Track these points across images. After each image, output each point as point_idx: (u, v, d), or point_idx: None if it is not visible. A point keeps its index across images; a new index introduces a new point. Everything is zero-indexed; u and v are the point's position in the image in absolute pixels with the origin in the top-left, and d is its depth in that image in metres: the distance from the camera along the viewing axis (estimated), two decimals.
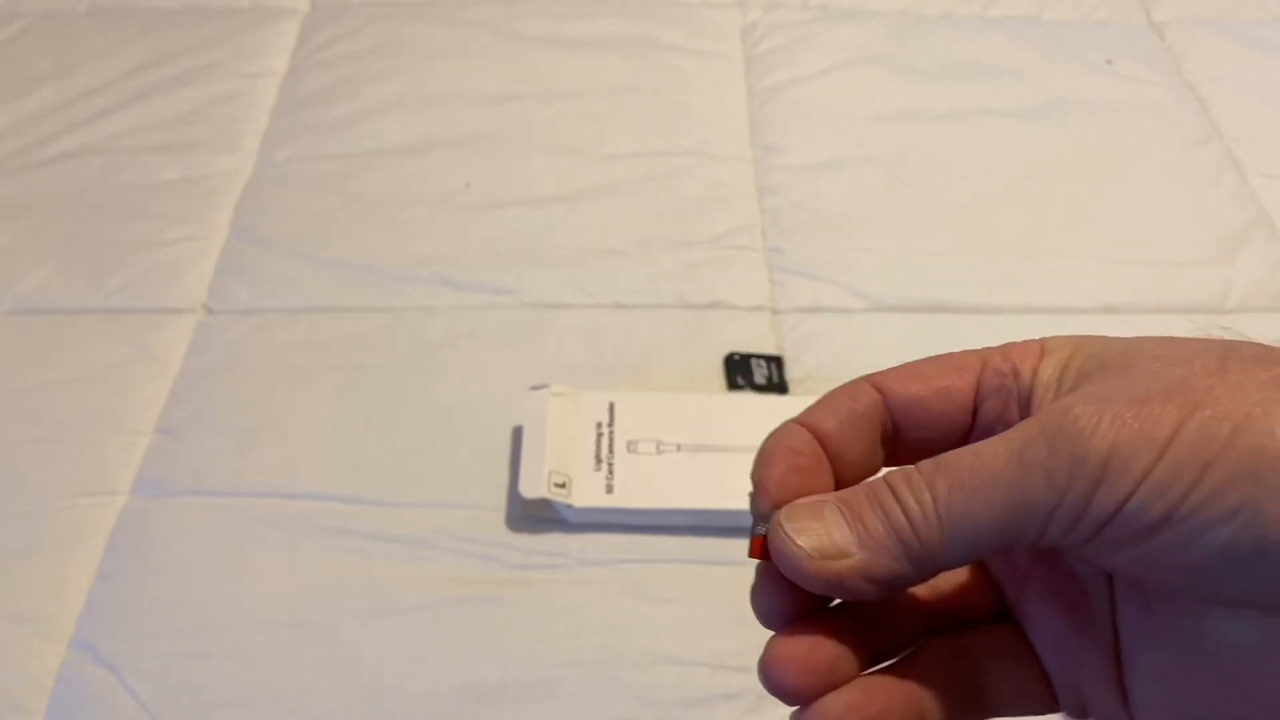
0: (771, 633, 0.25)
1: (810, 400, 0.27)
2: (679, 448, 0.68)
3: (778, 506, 0.24)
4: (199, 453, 0.70)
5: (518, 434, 0.70)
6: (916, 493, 0.22)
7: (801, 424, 0.25)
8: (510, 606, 0.63)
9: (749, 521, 0.71)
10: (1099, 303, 0.81)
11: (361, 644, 0.61)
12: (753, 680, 0.60)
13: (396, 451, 0.70)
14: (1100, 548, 0.21)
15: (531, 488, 0.65)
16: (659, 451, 0.68)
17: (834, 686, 0.24)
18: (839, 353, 0.77)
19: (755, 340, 0.77)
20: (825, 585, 0.23)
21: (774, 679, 0.24)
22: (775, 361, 0.75)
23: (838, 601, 0.25)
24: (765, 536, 0.24)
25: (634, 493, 0.65)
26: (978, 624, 0.26)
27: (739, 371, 0.74)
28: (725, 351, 0.76)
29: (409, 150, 0.92)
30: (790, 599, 0.24)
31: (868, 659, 0.24)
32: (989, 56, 1.03)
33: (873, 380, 0.26)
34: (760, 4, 1.08)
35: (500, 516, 0.67)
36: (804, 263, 0.83)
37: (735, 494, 0.66)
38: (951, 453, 0.22)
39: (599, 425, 0.69)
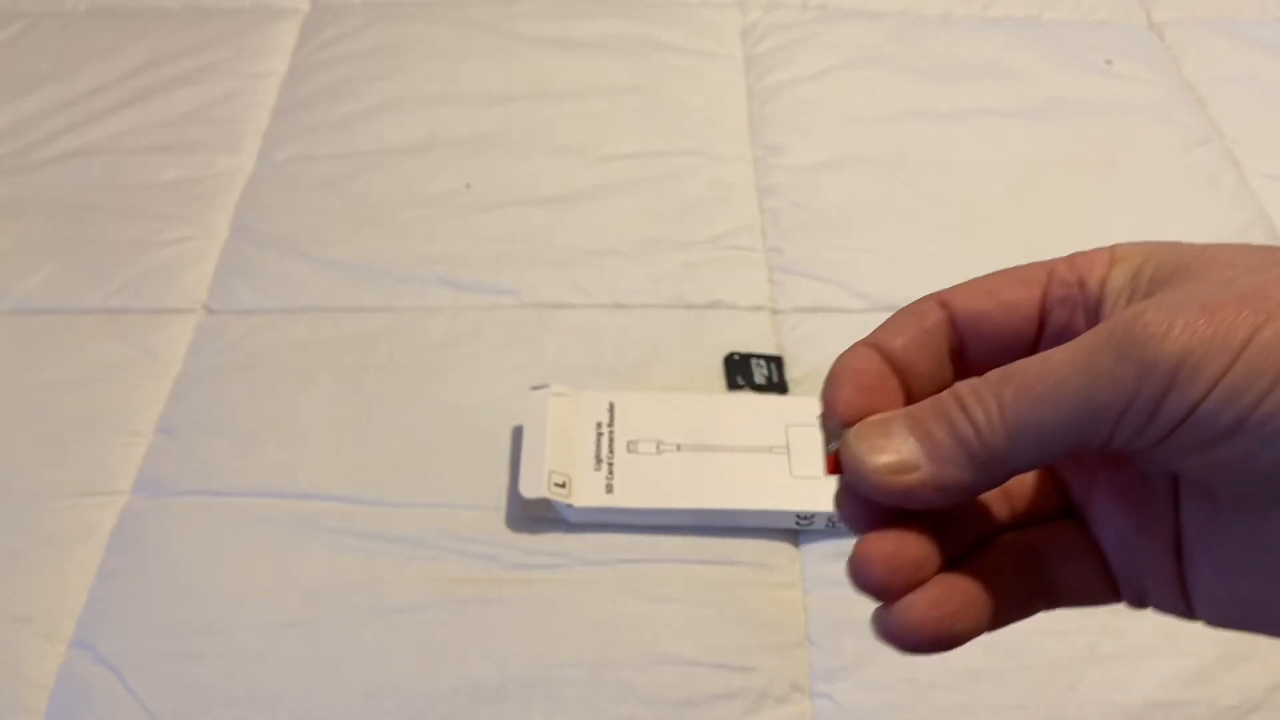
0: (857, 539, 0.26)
1: (810, 400, 0.28)
2: (679, 448, 0.68)
3: (847, 425, 0.25)
4: (199, 453, 0.70)
5: (518, 434, 0.70)
6: (983, 402, 0.23)
7: (868, 344, 0.26)
8: (510, 606, 0.63)
9: (749, 521, 0.71)
10: None
11: (361, 644, 0.61)
12: (753, 680, 0.61)
13: (396, 451, 0.70)
14: (1168, 452, 0.22)
15: (531, 488, 0.65)
16: (659, 451, 0.68)
17: (917, 583, 0.24)
18: (839, 352, 0.77)
19: (755, 340, 0.77)
20: (895, 498, 0.24)
21: (862, 575, 0.24)
22: (775, 361, 0.75)
23: None
24: (838, 453, 0.25)
25: (634, 493, 0.65)
26: (1045, 522, 0.27)
27: (739, 371, 0.75)
28: (725, 351, 0.76)
29: (409, 150, 0.92)
30: (871, 505, 0.25)
31: (944, 557, 0.25)
32: (989, 56, 1.03)
33: (938, 297, 0.26)
34: (760, 4, 1.08)
35: (500, 516, 0.67)
36: (804, 263, 0.83)
37: (735, 494, 0.66)
38: (1019, 362, 0.23)
39: (599, 425, 0.69)
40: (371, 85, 0.98)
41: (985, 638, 0.24)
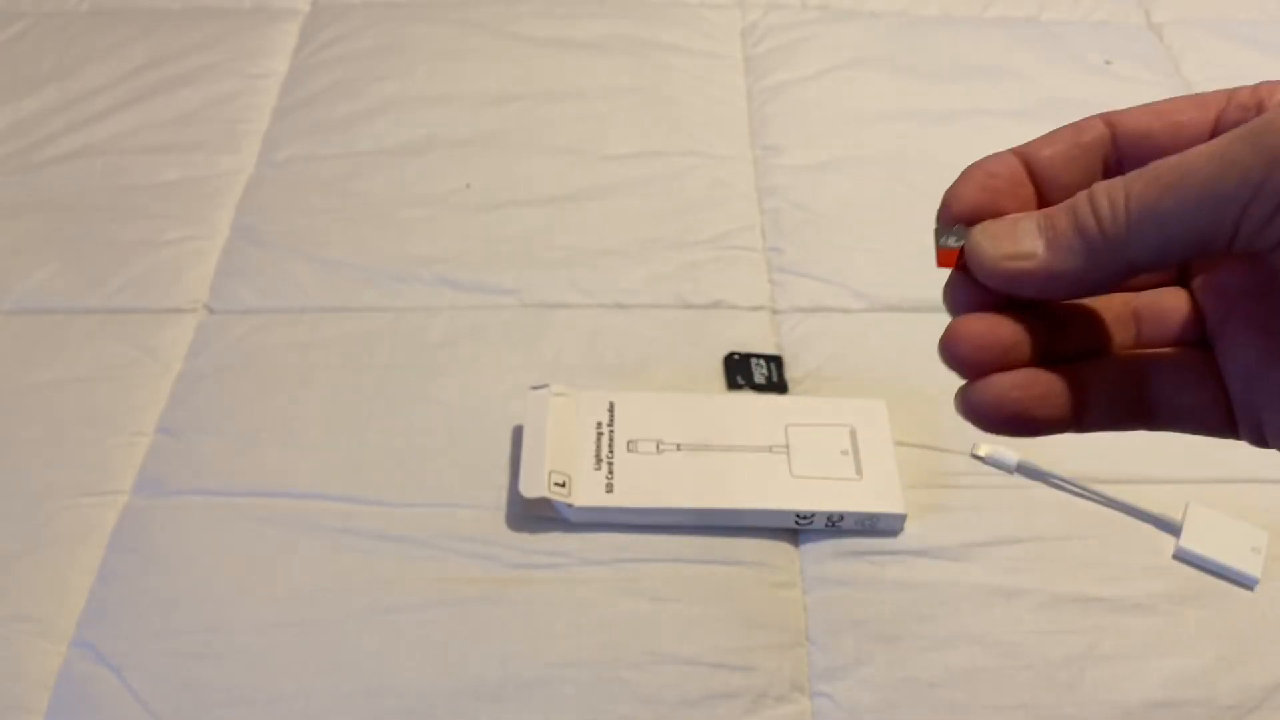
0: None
1: (810, 399, 0.28)
2: (679, 447, 0.68)
3: (960, 221, 0.26)
4: (200, 452, 0.70)
5: (518, 434, 0.70)
6: (1111, 192, 0.23)
7: (1013, 151, 0.27)
8: (510, 606, 0.63)
9: (749, 520, 0.72)
10: None
11: (361, 644, 0.61)
12: (752, 680, 0.61)
13: (396, 451, 0.70)
14: None
15: (531, 487, 0.65)
16: (659, 451, 0.68)
17: (1005, 367, 0.25)
18: (838, 352, 0.77)
19: (755, 340, 0.77)
20: (1007, 282, 0.24)
21: (948, 349, 0.25)
22: (775, 361, 0.76)
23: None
24: (944, 249, 0.26)
25: (634, 492, 0.66)
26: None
27: (739, 371, 0.75)
28: (725, 351, 0.76)
29: (409, 150, 0.92)
30: (980, 297, 0.26)
31: (1045, 354, 0.25)
32: (988, 57, 1.03)
33: (1105, 115, 0.26)
34: (760, 4, 1.08)
35: (500, 516, 0.67)
36: (804, 263, 0.83)
37: (735, 493, 0.66)
38: (1159, 160, 0.22)
39: (599, 425, 0.69)
40: (372, 85, 0.98)
41: (984, 637, 0.24)
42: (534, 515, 0.66)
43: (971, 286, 0.26)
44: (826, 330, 0.79)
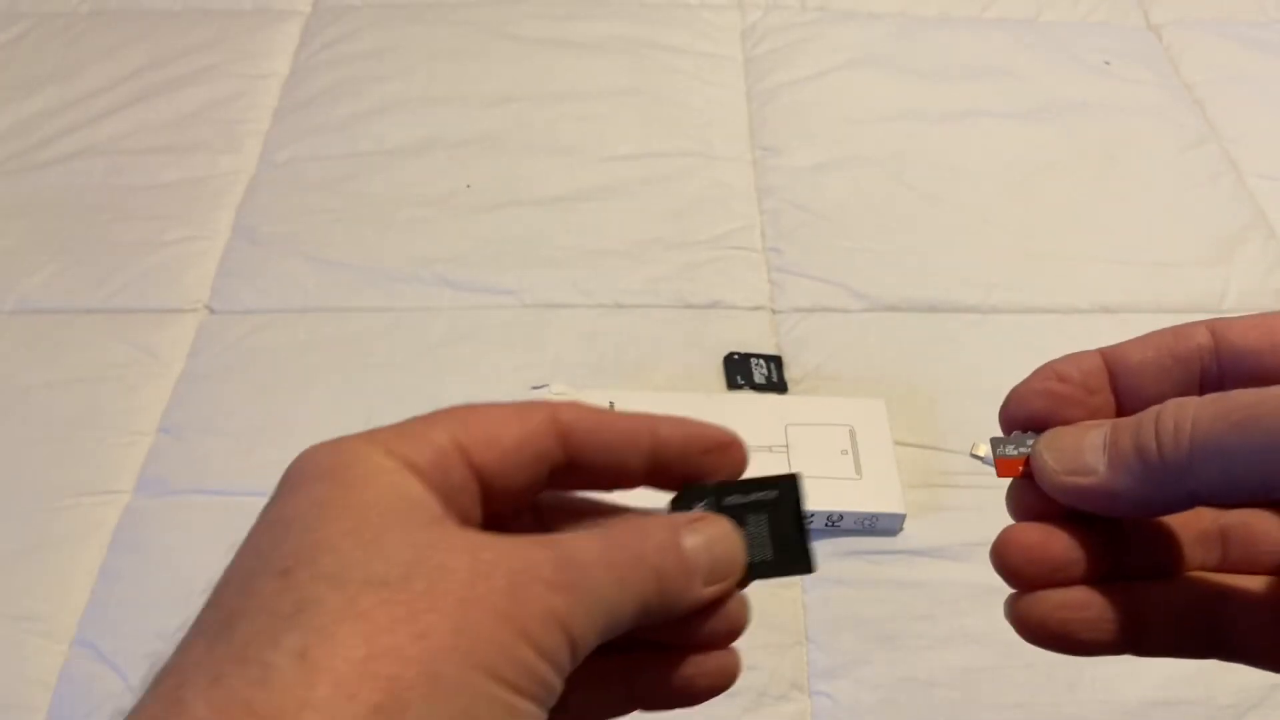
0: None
1: (810, 399, 0.27)
2: None
3: (1018, 427, 0.25)
4: (201, 452, 0.70)
5: None
6: (1179, 416, 0.21)
7: (1101, 353, 0.25)
8: None
9: None
10: (1097, 303, 0.81)
11: None
12: (752, 679, 0.61)
13: None
14: None
15: None
16: None
17: (1057, 582, 0.23)
18: (837, 352, 0.77)
19: (755, 340, 0.78)
20: (1070, 498, 0.23)
21: (999, 556, 0.24)
22: (774, 361, 0.76)
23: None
24: (1004, 459, 0.25)
25: (633, 491, 0.66)
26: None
27: (738, 371, 0.75)
28: (725, 351, 0.76)
29: (410, 151, 0.92)
30: (1046, 502, 0.24)
31: (1113, 573, 0.24)
32: (988, 57, 1.03)
33: (1212, 324, 0.24)
34: (760, 5, 1.08)
35: None
36: (803, 263, 0.83)
37: None
38: (1240, 390, 0.21)
39: None
40: (372, 86, 0.98)
41: (983, 636, 0.23)
42: None
43: (1035, 492, 0.24)
44: (826, 330, 0.79)
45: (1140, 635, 0.23)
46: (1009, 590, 0.25)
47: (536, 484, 0.24)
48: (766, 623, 0.63)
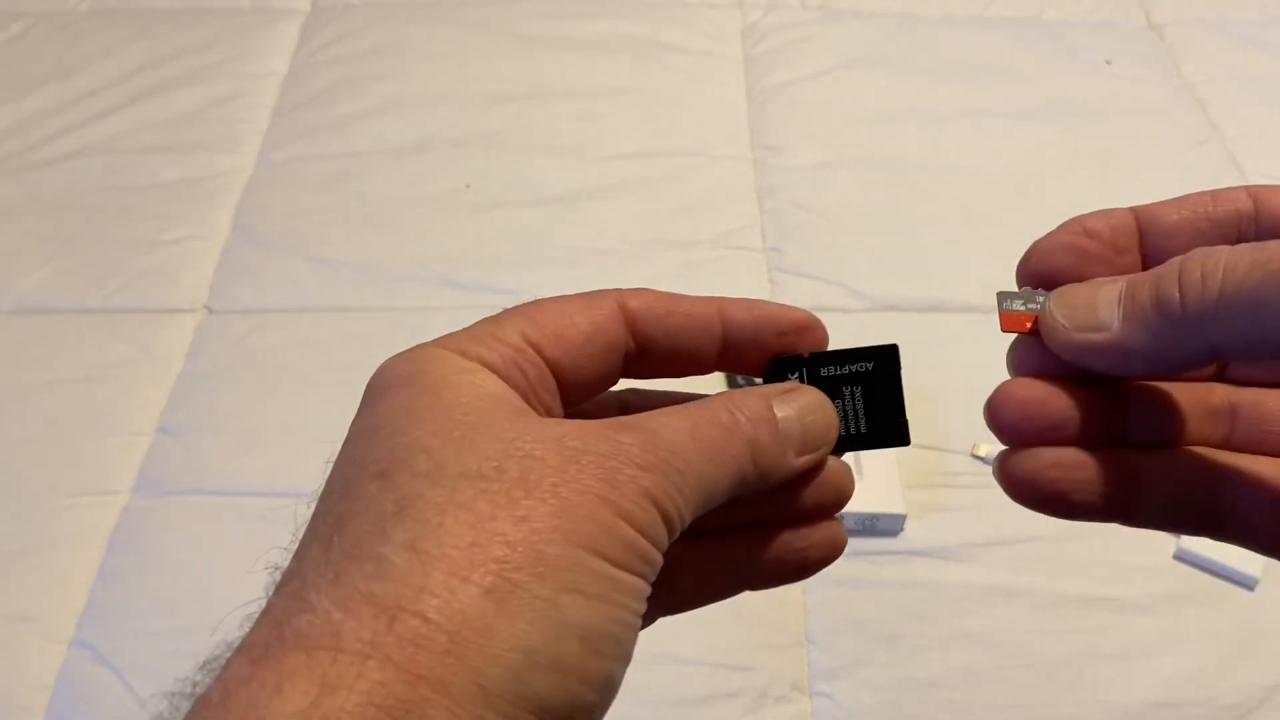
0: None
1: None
2: None
3: (1036, 281, 0.24)
4: (200, 452, 0.70)
5: None
6: (1207, 263, 0.20)
7: (1133, 211, 0.24)
8: None
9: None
10: None
11: None
12: (753, 679, 0.61)
13: None
14: None
15: None
16: None
17: (1052, 440, 0.22)
18: None
19: None
20: (1078, 355, 0.22)
21: (993, 410, 0.23)
22: None
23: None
24: (1009, 313, 0.24)
25: None
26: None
27: None
28: None
29: (409, 150, 0.92)
30: (1048, 361, 0.23)
31: (1113, 441, 0.23)
32: (989, 57, 1.03)
33: (1252, 189, 0.23)
34: (760, 4, 1.08)
35: None
36: (803, 263, 0.83)
37: None
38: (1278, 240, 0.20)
39: None
40: (371, 85, 0.98)
41: (984, 637, 0.23)
42: None
43: (1039, 350, 0.23)
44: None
45: (1133, 505, 0.23)
46: (1009, 591, 0.24)
47: (611, 374, 0.24)
48: (766, 623, 0.63)
